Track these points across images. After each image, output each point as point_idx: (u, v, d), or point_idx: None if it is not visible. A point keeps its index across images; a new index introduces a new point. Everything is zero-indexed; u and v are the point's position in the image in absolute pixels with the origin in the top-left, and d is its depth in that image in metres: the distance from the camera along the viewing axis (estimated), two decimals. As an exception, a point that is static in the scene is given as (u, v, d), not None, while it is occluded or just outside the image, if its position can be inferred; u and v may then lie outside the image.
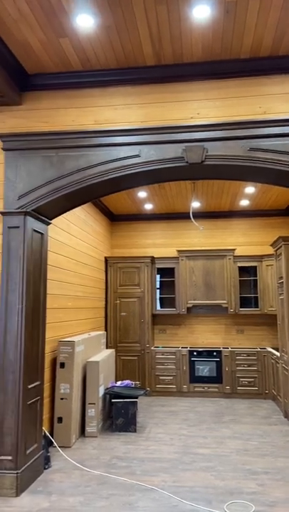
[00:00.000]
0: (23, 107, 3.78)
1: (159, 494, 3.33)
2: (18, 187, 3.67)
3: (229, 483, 3.54)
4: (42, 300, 3.85)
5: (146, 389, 5.27)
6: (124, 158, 3.64)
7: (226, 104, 3.59)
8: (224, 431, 4.97)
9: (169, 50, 3.38)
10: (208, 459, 4.08)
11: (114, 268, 7.40)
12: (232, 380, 6.71)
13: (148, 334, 7.10)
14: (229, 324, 7.44)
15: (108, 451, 4.32)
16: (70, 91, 3.77)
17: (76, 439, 4.63)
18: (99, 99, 3.74)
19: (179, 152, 3.58)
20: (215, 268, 7.23)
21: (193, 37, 3.21)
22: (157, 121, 3.65)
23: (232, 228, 7.67)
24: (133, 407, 4.98)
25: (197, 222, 7.65)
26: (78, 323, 5.75)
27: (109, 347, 7.13)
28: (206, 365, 6.82)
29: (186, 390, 6.79)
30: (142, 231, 7.94)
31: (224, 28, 3.10)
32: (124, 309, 7.25)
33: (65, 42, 3.24)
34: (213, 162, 3.58)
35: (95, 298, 6.72)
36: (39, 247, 3.84)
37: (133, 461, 4.04)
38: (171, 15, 2.95)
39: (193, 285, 7.24)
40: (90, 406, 4.85)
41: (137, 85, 3.71)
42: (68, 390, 4.53)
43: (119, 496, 3.29)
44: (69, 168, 3.67)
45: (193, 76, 3.61)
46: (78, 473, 3.74)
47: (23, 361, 3.43)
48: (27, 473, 3.43)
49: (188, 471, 3.79)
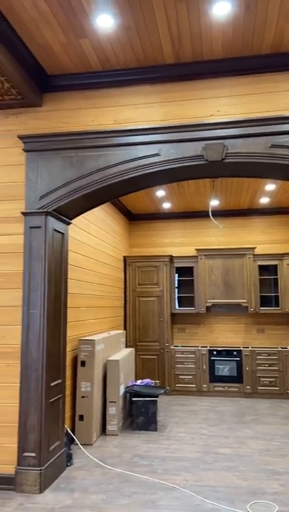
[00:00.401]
0: (44, 108, 3.82)
1: (181, 493, 3.33)
2: (39, 187, 3.71)
3: (252, 483, 3.51)
4: (63, 299, 3.89)
5: (166, 388, 5.27)
6: (143, 157, 3.65)
7: (246, 101, 3.56)
8: (246, 431, 4.93)
9: (189, 48, 3.37)
10: (230, 459, 4.05)
11: (132, 267, 7.42)
12: (252, 380, 6.65)
13: (167, 333, 7.09)
14: (249, 323, 7.37)
15: (129, 449, 4.33)
16: (89, 91, 3.79)
17: (97, 437, 4.67)
18: (118, 99, 3.75)
19: (199, 150, 3.57)
20: (234, 267, 7.17)
21: (214, 34, 3.19)
22: (177, 120, 3.64)
23: (252, 226, 7.59)
24: (153, 406, 4.98)
25: (216, 220, 7.60)
26: (98, 322, 5.79)
27: (128, 346, 7.16)
28: (226, 365, 6.77)
29: (206, 390, 6.76)
30: (161, 230, 7.93)
31: (245, 24, 3.07)
32: (143, 308, 7.26)
33: (85, 42, 3.26)
34: (234, 160, 3.55)
35: (114, 297, 6.75)
36: (60, 247, 3.88)
37: (154, 459, 4.04)
38: (190, 12, 2.94)
39: (213, 284, 7.19)
40: (111, 404, 4.87)
41: (156, 84, 3.70)
42: (89, 388, 4.57)
43: (141, 495, 3.30)
44: (88, 168, 3.69)
45: (213, 73, 3.59)
46: (100, 471, 3.76)
47: (45, 359, 3.47)
48: (50, 470, 3.47)
49: (210, 471, 3.77)
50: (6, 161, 3.80)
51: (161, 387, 5.35)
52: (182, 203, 7.17)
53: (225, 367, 6.78)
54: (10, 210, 3.73)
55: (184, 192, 6.55)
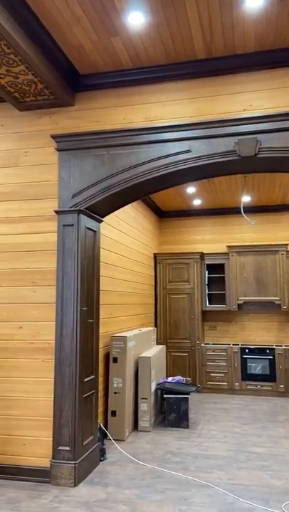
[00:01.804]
0: (75, 108, 3.87)
1: (214, 491, 3.31)
2: (72, 186, 3.77)
3: (286, 482, 3.46)
4: (95, 296, 3.94)
5: (197, 385, 5.25)
6: (174, 154, 3.63)
7: (279, 95, 3.48)
8: (279, 430, 4.85)
9: (221, 42, 3.32)
10: (264, 458, 4.00)
11: (163, 264, 7.42)
12: (286, 379, 6.52)
13: (198, 331, 7.06)
14: (282, 321, 7.23)
15: (161, 445, 4.35)
16: (120, 89, 3.81)
17: (129, 433, 4.71)
18: (148, 96, 3.75)
19: (231, 146, 3.52)
20: (267, 264, 7.04)
21: (246, 27, 3.13)
22: (208, 116, 3.60)
23: (284, 222, 7.43)
24: (185, 403, 4.98)
25: (248, 216, 7.48)
26: (129, 319, 5.83)
27: (159, 343, 7.17)
28: (259, 363, 6.67)
29: (238, 388, 6.68)
30: (191, 227, 7.89)
31: (278, 16, 3.00)
32: (174, 305, 7.25)
33: (116, 41, 3.28)
34: (267, 155, 3.48)
35: (145, 294, 6.78)
36: (92, 245, 3.93)
37: (187, 456, 4.04)
38: (222, 5, 2.90)
39: (244, 281, 7.10)
40: (143, 401, 4.90)
41: (186, 80, 3.68)
42: (121, 384, 4.61)
43: (174, 491, 3.31)
44: (119, 166, 3.71)
45: (245, 67, 3.53)
46: (133, 466, 3.80)
47: (78, 355, 3.53)
48: (84, 464, 3.53)
49: (243, 470, 3.74)
50: (40, 161, 3.87)
51: (193, 384, 5.33)
52: (213, 199, 7.10)
53: (257, 365, 6.68)
54: (44, 209, 3.81)
55: (214, 188, 6.48)
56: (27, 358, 3.65)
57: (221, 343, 7.18)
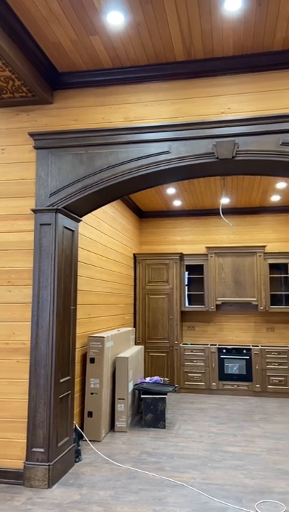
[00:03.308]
0: (54, 106, 3.83)
1: (188, 491, 3.33)
2: (50, 185, 3.73)
3: (260, 482, 3.50)
4: (73, 296, 3.91)
5: (175, 385, 5.27)
6: (154, 154, 3.64)
7: (257, 98, 3.53)
8: (254, 429, 4.92)
9: (200, 45, 3.34)
10: (238, 458, 4.04)
11: (142, 265, 7.42)
12: (262, 379, 6.62)
13: (177, 331, 7.09)
14: (259, 322, 7.33)
15: (137, 446, 4.35)
16: (99, 88, 3.79)
17: (106, 434, 4.69)
18: (128, 96, 3.75)
19: (210, 148, 3.55)
20: (245, 265, 7.13)
21: (225, 31, 3.16)
22: (187, 117, 3.62)
23: (262, 224, 7.53)
24: (162, 404, 4.99)
25: (227, 218, 7.56)
26: (107, 320, 5.81)
27: (137, 343, 7.17)
28: (236, 363, 6.75)
29: (215, 388, 6.75)
30: (171, 228, 7.92)
31: (256, 20, 3.04)
32: (153, 306, 7.26)
33: (95, 40, 3.26)
34: (245, 157, 3.52)
35: (124, 294, 6.77)
36: (70, 244, 3.90)
37: (162, 457, 4.05)
38: (201, 9, 2.92)
39: (223, 282, 7.16)
40: (120, 401, 4.89)
41: (166, 81, 3.69)
42: (98, 384, 4.59)
43: (148, 491, 3.31)
44: (99, 165, 3.70)
45: (224, 70, 3.56)
46: (108, 467, 3.79)
47: (54, 356, 3.50)
48: (58, 466, 3.50)
49: (218, 469, 3.77)
50: (17, 158, 3.82)
51: (170, 384, 5.35)
52: (193, 200, 7.15)
53: (234, 365, 6.75)
54: (20, 208, 3.76)
55: (194, 190, 6.52)
56: (1, 359, 3.60)
57: (199, 344, 7.23)
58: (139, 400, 5.53)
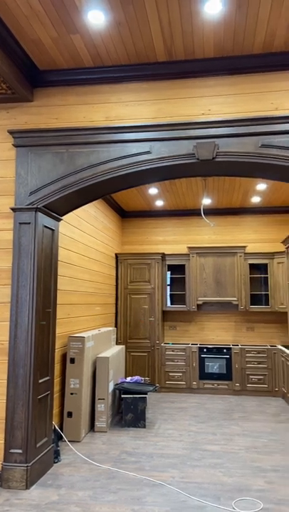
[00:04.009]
0: (35, 104, 3.80)
1: (167, 490, 3.35)
2: (30, 183, 3.70)
3: (238, 480, 3.55)
4: (53, 296, 3.88)
5: (155, 385, 5.29)
6: (135, 154, 3.64)
7: (237, 101, 3.57)
8: (233, 428, 4.97)
9: (181, 46, 3.36)
10: (217, 456, 4.08)
11: (124, 264, 7.42)
12: (242, 378, 6.69)
13: (158, 330, 7.11)
14: (239, 321, 7.42)
15: (117, 446, 4.35)
16: (81, 87, 3.77)
17: (86, 434, 4.67)
18: (110, 96, 3.74)
19: (190, 149, 3.57)
20: (226, 265, 7.20)
21: (205, 33, 3.18)
22: (169, 118, 3.64)
23: (243, 225, 7.62)
24: (142, 403, 5.00)
25: (208, 218, 7.62)
26: (89, 319, 5.79)
27: (119, 343, 7.17)
28: (216, 362, 6.81)
29: (196, 387, 6.79)
30: (153, 228, 7.93)
31: (236, 23, 3.07)
32: (134, 305, 7.27)
33: (76, 38, 3.24)
34: (225, 159, 3.55)
35: (106, 294, 6.75)
36: (50, 243, 3.87)
37: (142, 456, 4.06)
38: (182, 10, 2.93)
39: (204, 282, 7.22)
40: (100, 401, 4.88)
41: (148, 81, 3.70)
42: (78, 385, 4.57)
43: (127, 491, 3.31)
44: (79, 164, 3.68)
45: (205, 72, 3.59)
46: (87, 468, 3.77)
47: (33, 356, 3.46)
48: (37, 467, 3.47)
49: (197, 468, 3.80)
50: (-4, 157, 3.77)
51: (151, 384, 5.37)
52: (175, 200, 7.18)
53: (215, 364, 6.81)
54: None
55: (176, 190, 6.55)
56: (-21, 359, 3.55)
57: (180, 343, 7.27)
58: (120, 399, 5.53)
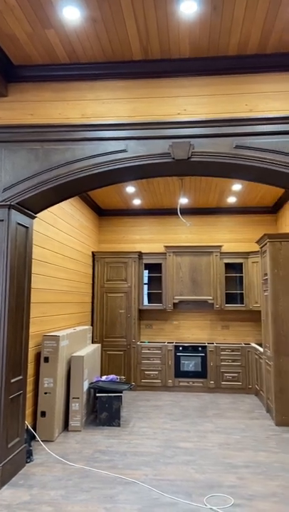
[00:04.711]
0: (8, 99, 3.74)
1: (139, 487, 3.36)
2: (3, 180, 3.64)
3: (210, 476, 3.59)
4: (26, 294, 3.83)
5: (131, 383, 5.29)
6: (111, 152, 3.63)
7: (212, 101, 3.60)
8: (207, 425, 5.03)
9: (157, 46, 3.37)
10: (190, 453, 4.12)
11: (101, 263, 7.40)
12: (216, 375, 6.77)
13: (134, 329, 7.12)
14: (215, 320, 7.50)
15: (91, 445, 4.33)
16: (56, 83, 3.74)
17: (59, 433, 4.64)
18: (86, 93, 3.72)
19: (166, 148, 3.59)
20: (202, 264, 7.26)
21: (181, 33, 3.20)
22: (145, 117, 3.64)
23: (219, 225, 7.71)
24: (117, 402, 5.00)
25: (185, 218, 7.67)
26: (64, 318, 5.74)
27: (95, 342, 7.14)
28: (191, 360, 6.87)
29: (171, 385, 6.83)
30: (130, 226, 7.93)
31: (211, 24, 3.10)
32: (111, 304, 7.26)
33: (51, 34, 3.21)
34: (200, 159, 3.59)
35: (82, 292, 6.71)
36: (24, 241, 3.82)
37: (116, 454, 4.06)
38: (158, 9, 2.94)
39: (180, 281, 7.27)
40: (74, 400, 4.86)
41: (124, 80, 3.69)
42: (52, 384, 4.53)
43: (100, 489, 3.31)
44: (54, 161, 3.65)
45: (180, 72, 3.61)
46: (60, 467, 3.75)
47: (5, 355, 3.41)
48: (8, 467, 3.43)
49: (170, 465, 3.83)
50: None
51: (126, 382, 5.37)
52: (152, 199, 7.20)
53: (190, 362, 6.87)
54: (-28, 202, 3.64)
55: (153, 189, 6.57)
56: None
57: (156, 342, 7.29)
58: (95, 398, 5.51)
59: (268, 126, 3.48)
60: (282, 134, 3.47)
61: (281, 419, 5.04)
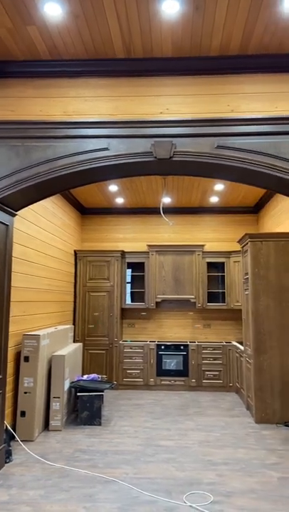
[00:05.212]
0: (-11, 95, 3.68)
1: (119, 486, 3.36)
2: (-17, 177, 3.59)
3: (189, 474, 3.61)
4: (6, 293, 3.79)
5: (112, 382, 5.29)
6: (92, 150, 3.62)
7: (194, 101, 3.62)
8: (188, 423, 5.06)
9: (139, 44, 3.36)
10: (171, 451, 4.14)
11: (83, 262, 7.36)
12: (198, 374, 6.82)
13: (116, 328, 7.11)
14: (197, 319, 7.55)
15: (72, 444, 4.31)
16: (38, 80, 3.70)
17: (39, 433, 4.60)
18: (68, 90, 3.69)
19: (148, 147, 3.59)
20: (184, 263, 7.30)
21: (163, 32, 3.20)
22: (127, 115, 3.64)
23: (202, 224, 7.75)
24: (98, 401, 4.99)
25: (167, 217, 7.69)
26: (45, 317, 5.69)
27: (76, 341, 7.10)
28: (173, 359, 6.90)
29: (153, 384, 6.85)
30: (113, 225, 7.91)
31: (193, 25, 3.11)
32: (93, 303, 7.23)
33: (32, 30, 3.17)
34: (181, 158, 3.60)
35: (64, 291, 6.67)
36: (3, 239, 3.77)
37: (96, 453, 4.05)
38: (140, 7, 2.94)
39: (163, 280, 7.29)
40: (55, 400, 4.82)
41: (106, 77, 3.68)
42: (32, 383, 4.49)
43: (79, 489, 3.30)
44: (35, 158, 3.61)
45: (163, 71, 3.62)
46: (40, 467, 3.72)
47: (-16, 354, 3.37)
48: (-13, 468, 3.39)
49: (151, 463, 3.84)
50: None
51: (108, 381, 5.36)
52: (135, 198, 7.19)
53: (172, 361, 6.90)
54: None
55: (136, 188, 6.57)
56: None
57: (138, 341, 7.30)
58: (76, 398, 5.49)
59: (249, 126, 3.52)
60: (262, 134, 3.51)
61: (261, 417, 5.11)
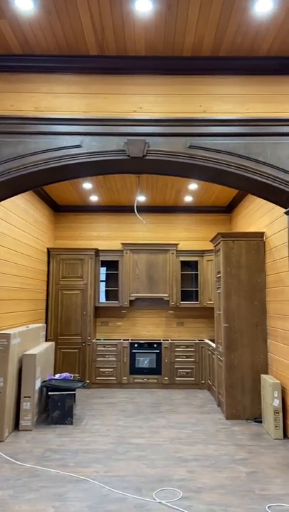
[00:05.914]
0: None
1: (90, 485, 3.35)
2: None
3: (160, 471, 3.64)
4: (-25, 291, 3.71)
5: (84, 381, 5.26)
6: (65, 147, 3.58)
7: (167, 101, 3.63)
8: (160, 421, 5.09)
9: (112, 41, 3.35)
10: (142, 449, 4.16)
11: (56, 259, 7.29)
12: (171, 371, 6.87)
13: (90, 327, 7.08)
14: (170, 317, 7.60)
15: (42, 444, 4.27)
16: (9, 74, 3.63)
17: (9, 433, 4.54)
18: (40, 86, 3.64)
19: (121, 145, 3.58)
20: (158, 262, 7.33)
21: (136, 30, 3.20)
22: (100, 113, 3.62)
23: (176, 223, 7.81)
24: (70, 400, 4.95)
25: (142, 216, 7.71)
26: (17, 316, 5.61)
27: (49, 340, 7.03)
28: (147, 357, 6.93)
29: (126, 382, 6.86)
30: (88, 223, 7.87)
31: (166, 24, 3.12)
32: (66, 301, 7.17)
33: (3, 23, 3.11)
34: (154, 157, 3.61)
35: (36, 290, 6.58)
36: (-27, 236, 3.69)
37: (67, 453, 4.03)
38: (113, 4, 2.93)
39: (137, 278, 7.30)
40: (25, 399, 4.76)
41: (79, 74, 3.65)
42: (2, 383, 4.42)
43: (49, 488, 3.27)
44: (6, 154, 3.54)
45: (136, 70, 3.61)
46: (9, 467, 3.67)
47: None
48: None
49: (122, 461, 3.84)
50: None
51: (80, 380, 5.33)
52: (109, 196, 7.17)
53: (145, 359, 6.92)
54: None
55: (110, 186, 6.54)
56: None
57: (112, 339, 7.29)
58: (47, 397, 5.43)
59: (221, 127, 3.56)
60: (234, 135, 3.57)
61: (231, 413, 5.20)
